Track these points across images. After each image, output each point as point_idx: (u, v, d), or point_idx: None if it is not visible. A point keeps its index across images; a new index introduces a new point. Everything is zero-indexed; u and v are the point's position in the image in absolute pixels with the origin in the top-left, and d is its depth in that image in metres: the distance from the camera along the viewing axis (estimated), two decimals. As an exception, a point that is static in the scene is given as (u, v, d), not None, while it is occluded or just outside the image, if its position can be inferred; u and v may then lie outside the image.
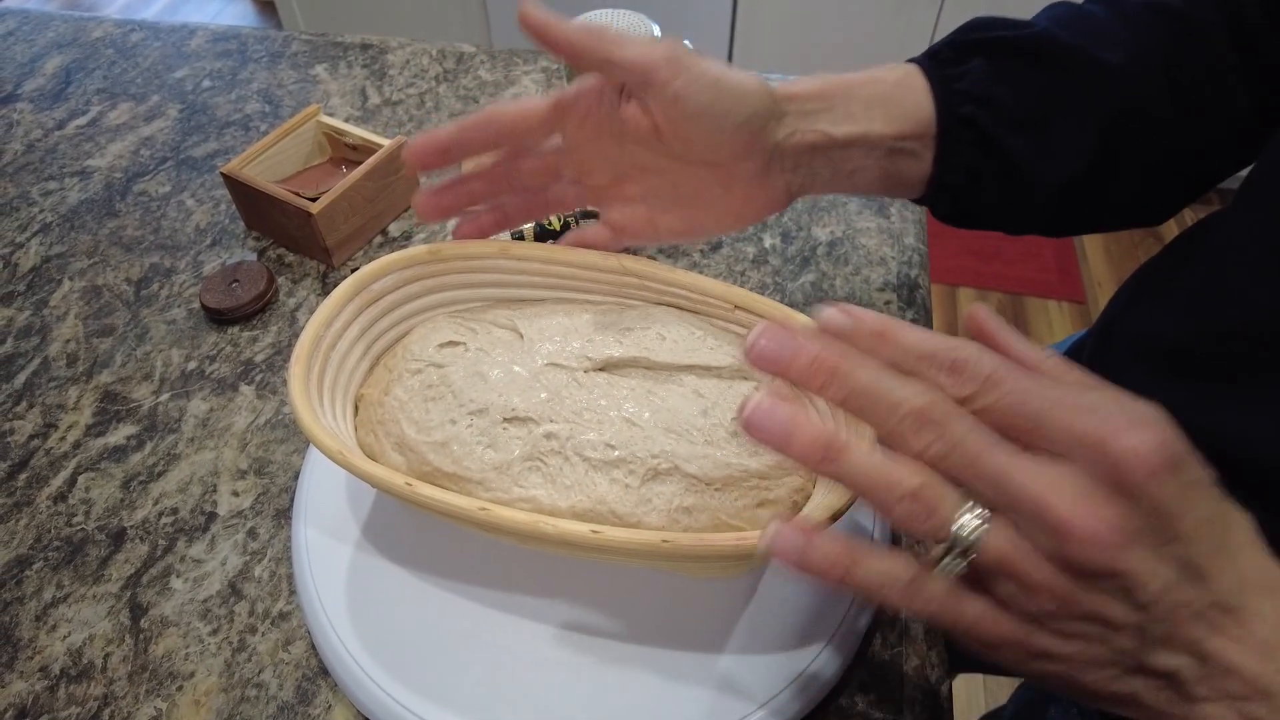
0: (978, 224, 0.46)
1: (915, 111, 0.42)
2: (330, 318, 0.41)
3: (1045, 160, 0.42)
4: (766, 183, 0.42)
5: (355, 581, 0.42)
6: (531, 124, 0.41)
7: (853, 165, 0.43)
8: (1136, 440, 0.24)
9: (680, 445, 0.37)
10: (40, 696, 0.42)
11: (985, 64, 0.42)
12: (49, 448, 0.52)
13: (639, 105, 0.40)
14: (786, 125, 0.41)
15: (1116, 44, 0.42)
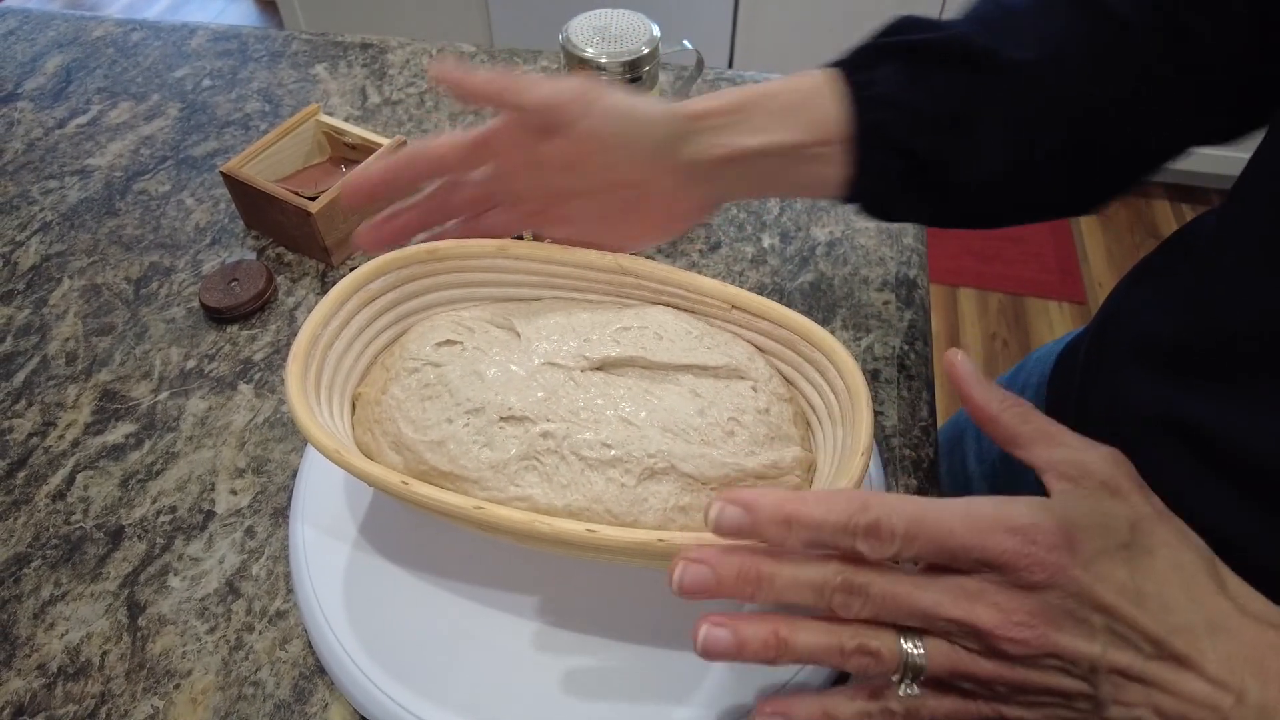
0: (902, 219, 0.49)
1: (826, 119, 0.43)
2: (328, 317, 0.41)
3: (960, 163, 0.43)
4: (687, 196, 0.44)
5: (352, 580, 0.42)
6: (454, 161, 0.43)
7: (767, 173, 0.44)
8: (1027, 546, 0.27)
9: (676, 445, 0.37)
10: (38, 694, 0.42)
11: (898, 69, 0.43)
12: (48, 446, 0.52)
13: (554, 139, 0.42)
14: (697, 142, 0.43)
15: (1033, 40, 0.42)
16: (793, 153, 0.43)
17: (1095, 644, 0.27)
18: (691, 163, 0.43)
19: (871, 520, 0.28)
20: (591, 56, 0.61)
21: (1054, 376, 0.58)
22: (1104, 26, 0.42)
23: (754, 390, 0.40)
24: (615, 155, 0.42)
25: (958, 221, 0.48)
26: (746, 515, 0.29)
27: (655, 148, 0.42)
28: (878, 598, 0.28)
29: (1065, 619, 0.27)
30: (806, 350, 0.41)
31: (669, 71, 0.79)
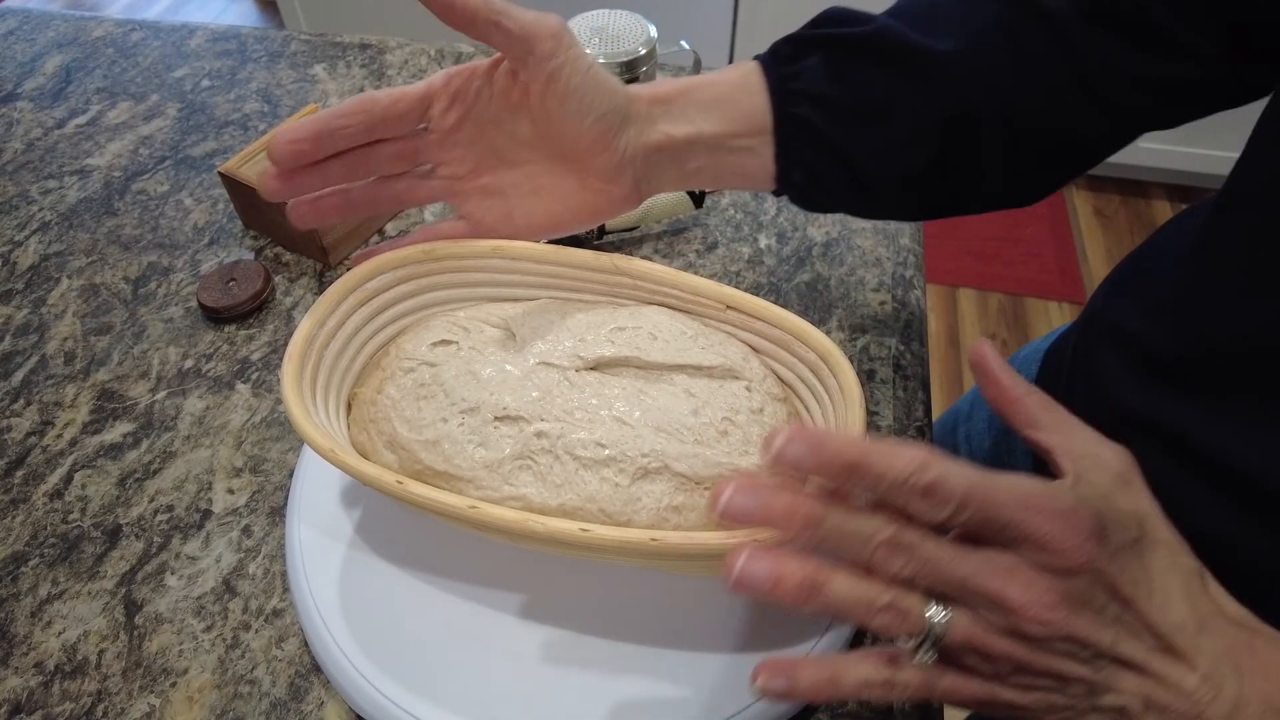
0: (833, 210, 0.48)
1: (750, 111, 0.44)
2: (323, 317, 0.41)
3: (882, 155, 0.43)
4: (618, 180, 0.44)
5: (348, 579, 0.43)
6: (404, 109, 0.42)
7: (695, 164, 0.45)
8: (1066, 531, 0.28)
9: (670, 444, 0.37)
10: (35, 692, 0.42)
11: (821, 62, 0.43)
12: (46, 445, 0.52)
13: (511, 76, 0.41)
14: (635, 126, 0.43)
15: (958, 32, 0.42)
16: (720, 144, 0.44)
17: (1108, 632, 0.28)
18: (628, 146, 0.43)
19: (931, 480, 0.28)
20: (589, 56, 0.61)
21: (1042, 374, 0.58)
22: (1030, 18, 0.42)
23: (748, 390, 0.40)
24: (567, 107, 0.41)
25: (889, 213, 0.49)
26: (812, 451, 0.28)
27: (603, 115, 0.41)
28: (920, 559, 0.28)
29: (1086, 606, 0.28)
30: (800, 350, 0.42)
31: (667, 72, 0.79)
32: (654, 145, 0.43)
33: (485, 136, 0.43)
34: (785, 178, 0.45)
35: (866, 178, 0.44)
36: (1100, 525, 0.28)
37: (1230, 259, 0.38)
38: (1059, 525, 0.28)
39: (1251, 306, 0.37)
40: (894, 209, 0.48)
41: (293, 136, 0.40)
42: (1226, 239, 0.39)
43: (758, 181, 0.46)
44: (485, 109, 0.43)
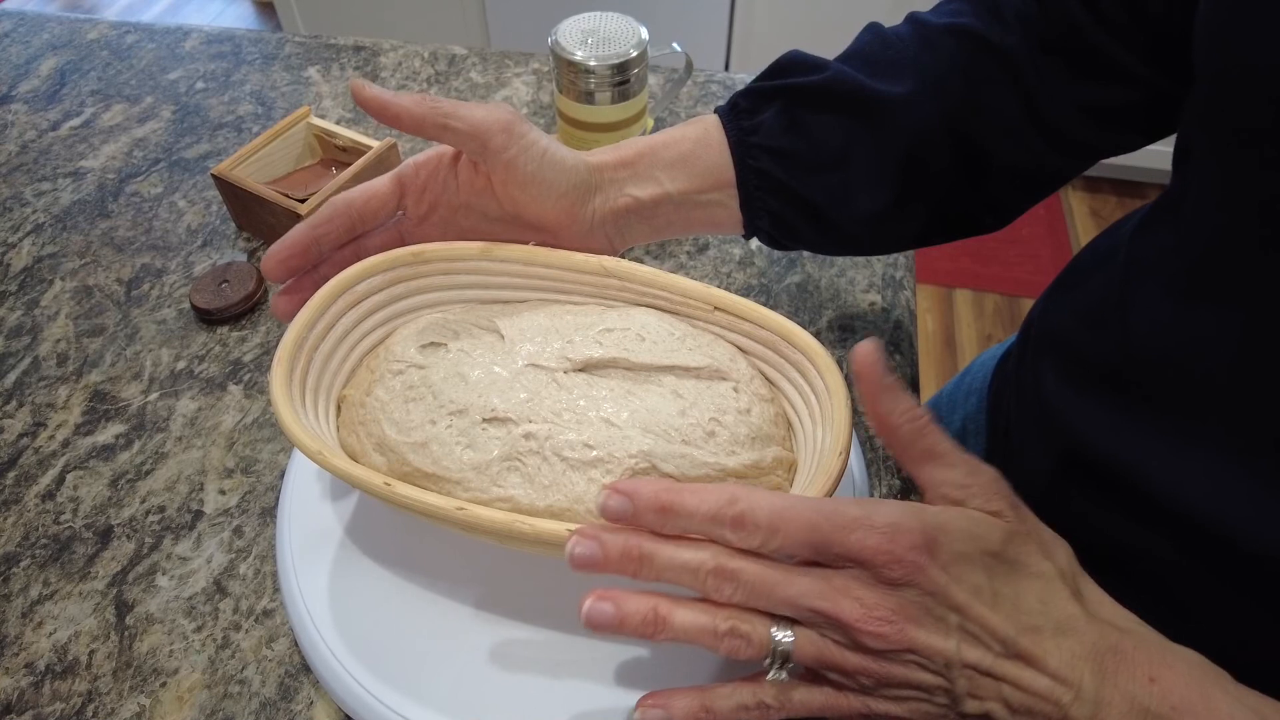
0: (805, 249, 0.50)
1: (713, 167, 0.45)
2: (313, 319, 0.41)
3: (843, 198, 0.45)
4: (591, 241, 0.45)
5: (338, 580, 0.43)
6: (379, 204, 0.44)
7: (664, 220, 0.46)
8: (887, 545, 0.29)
9: (658, 445, 0.37)
10: (25, 692, 0.42)
11: (778, 113, 0.45)
12: (38, 446, 0.53)
13: (473, 167, 0.43)
14: (602, 194, 0.44)
15: (912, 73, 0.44)
16: (686, 199, 0.45)
17: (950, 640, 0.29)
18: (596, 212, 0.44)
19: (738, 512, 0.30)
20: (580, 59, 0.61)
21: (993, 381, 0.58)
22: (981, 54, 0.43)
23: (735, 391, 0.40)
24: (529, 193, 0.43)
25: (858, 250, 0.51)
26: (629, 502, 0.31)
27: (565, 192, 0.43)
28: (747, 584, 0.30)
29: (924, 616, 0.29)
30: (788, 351, 0.42)
31: (659, 74, 0.79)
32: (621, 208, 0.45)
33: (457, 218, 0.45)
34: (752, 225, 0.47)
35: (829, 220, 0.45)
36: (929, 538, 0.29)
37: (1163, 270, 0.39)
38: (878, 540, 0.29)
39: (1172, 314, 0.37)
40: (861, 246, 0.49)
41: (282, 255, 0.42)
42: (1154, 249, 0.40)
43: (726, 228, 0.48)
44: (454, 196, 0.44)
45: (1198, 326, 0.36)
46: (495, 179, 0.43)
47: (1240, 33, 0.32)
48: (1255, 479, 0.34)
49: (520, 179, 0.42)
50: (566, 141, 0.68)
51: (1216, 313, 0.35)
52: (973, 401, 0.61)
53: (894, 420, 0.32)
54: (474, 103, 0.42)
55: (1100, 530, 0.42)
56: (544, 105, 0.76)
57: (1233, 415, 0.35)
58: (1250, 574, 0.35)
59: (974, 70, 0.43)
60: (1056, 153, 0.45)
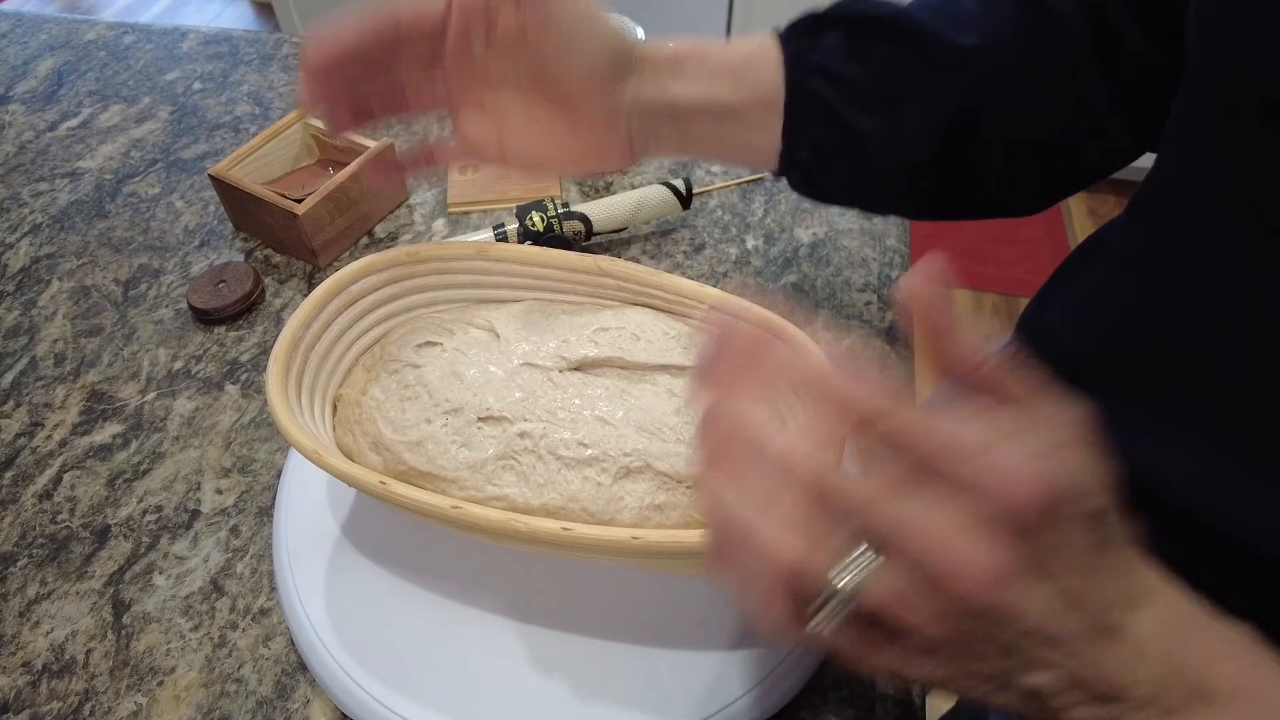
0: (832, 200, 0.47)
1: (764, 82, 0.43)
2: (309, 319, 0.42)
3: (891, 139, 0.43)
4: (611, 133, 0.42)
5: (334, 579, 0.43)
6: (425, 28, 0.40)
7: (698, 131, 0.44)
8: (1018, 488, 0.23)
9: (652, 443, 0.38)
10: (22, 691, 0.42)
11: (840, 39, 0.43)
12: (35, 446, 0.53)
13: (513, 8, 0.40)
14: (636, 81, 0.42)
15: (974, 28, 0.42)
16: (726, 113, 0.43)
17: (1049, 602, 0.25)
18: (626, 100, 0.42)
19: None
20: (576, 60, 0.61)
21: None
22: (1045, 26, 0.42)
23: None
24: (560, 49, 0.40)
25: (886, 204, 0.48)
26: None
27: (599, 64, 0.40)
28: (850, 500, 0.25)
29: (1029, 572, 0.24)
30: (782, 351, 0.42)
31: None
32: (658, 104, 0.42)
33: (492, 58, 0.41)
34: (789, 155, 0.44)
35: (870, 160, 0.44)
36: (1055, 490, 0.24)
37: (1141, 262, 0.39)
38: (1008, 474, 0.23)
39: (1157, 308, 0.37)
40: (891, 200, 0.47)
41: (329, 54, 0.39)
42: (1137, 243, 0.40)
43: (760, 157, 0.45)
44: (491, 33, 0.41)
45: (1177, 319, 0.36)
46: (532, 26, 0.39)
47: (1230, 30, 0.32)
48: (1235, 465, 0.34)
49: (556, 32, 0.39)
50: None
51: (1195, 306, 0.35)
52: None
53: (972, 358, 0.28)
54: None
55: None
56: (541, 105, 0.76)
57: (1213, 407, 0.35)
58: (1241, 563, 0.35)
59: (1031, 34, 0.42)
60: (1097, 140, 0.43)
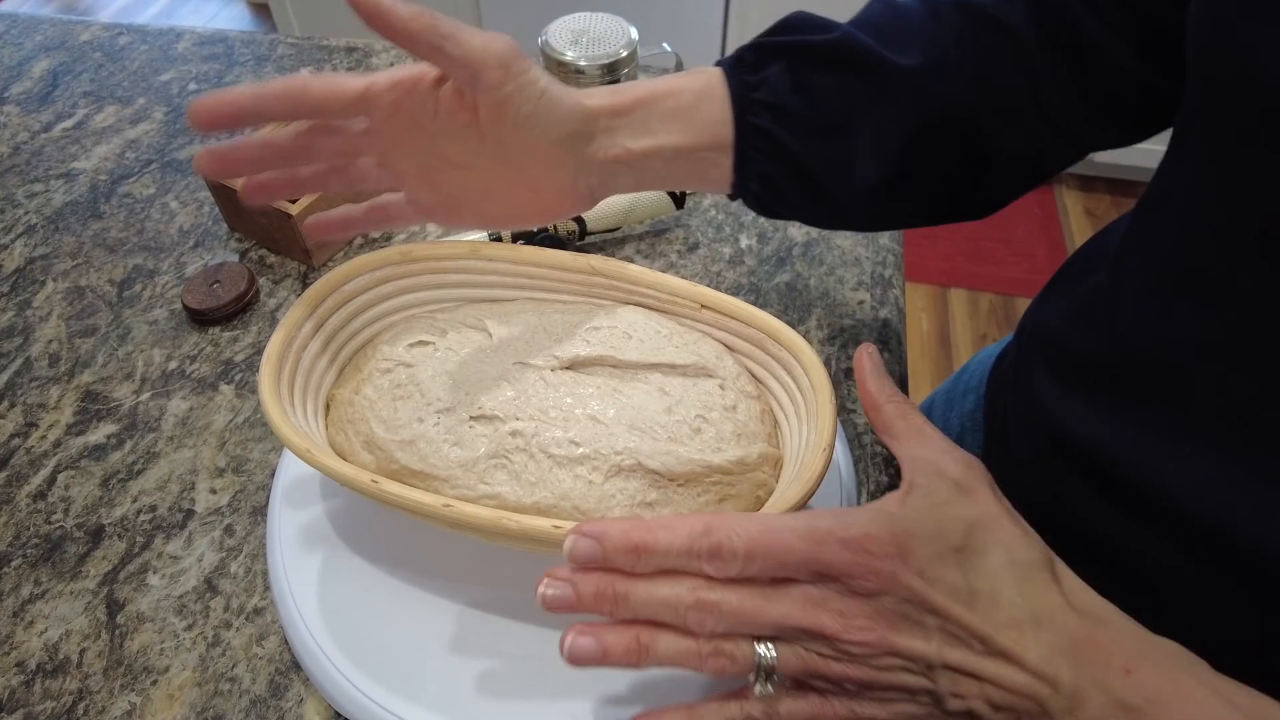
0: (790, 218, 0.48)
1: (713, 121, 0.43)
2: (302, 319, 0.42)
3: (840, 165, 0.44)
4: (572, 188, 0.43)
5: (328, 578, 0.43)
6: (339, 105, 0.38)
7: (652, 173, 0.44)
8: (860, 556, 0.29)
9: (644, 442, 0.38)
10: (16, 691, 0.43)
11: (784, 70, 0.43)
12: (29, 446, 0.53)
13: (458, 95, 0.39)
14: (595, 142, 0.42)
15: (919, 46, 0.43)
16: (681, 155, 0.43)
17: (930, 643, 0.30)
18: (585, 159, 0.42)
19: (714, 543, 0.30)
20: (570, 59, 0.62)
21: (990, 379, 0.59)
22: (992, 34, 0.42)
23: (721, 388, 0.41)
24: (519, 136, 0.39)
25: (846, 224, 0.49)
26: (598, 546, 0.30)
27: (559, 140, 0.40)
28: (730, 615, 0.30)
29: (902, 621, 0.30)
30: (774, 349, 0.42)
31: (650, 74, 0.79)
32: (611, 159, 0.43)
33: (431, 145, 0.41)
34: (741, 185, 0.45)
35: (823, 189, 0.44)
36: (900, 544, 0.30)
37: (1145, 267, 0.39)
38: (850, 553, 0.29)
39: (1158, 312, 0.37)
40: (851, 220, 0.48)
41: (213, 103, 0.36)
42: (1141, 247, 0.40)
43: (715, 186, 0.46)
44: (430, 123, 0.40)
45: (1184, 324, 0.36)
46: (483, 115, 0.38)
47: (1229, 36, 0.32)
48: (1243, 474, 0.35)
49: (511, 120, 0.38)
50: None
51: (1202, 310, 0.35)
52: (969, 400, 0.62)
53: (880, 399, 0.35)
54: (474, 29, 0.37)
55: (1094, 528, 0.42)
56: (535, 105, 0.76)
57: (1219, 412, 0.35)
58: (1241, 569, 0.36)
59: (981, 46, 0.42)
60: (1055, 139, 0.44)
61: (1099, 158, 1.89)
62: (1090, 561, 0.37)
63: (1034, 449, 0.46)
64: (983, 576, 0.31)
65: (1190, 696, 0.29)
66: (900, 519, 0.31)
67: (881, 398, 0.36)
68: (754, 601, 0.30)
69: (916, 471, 0.33)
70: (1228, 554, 0.36)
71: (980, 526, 0.32)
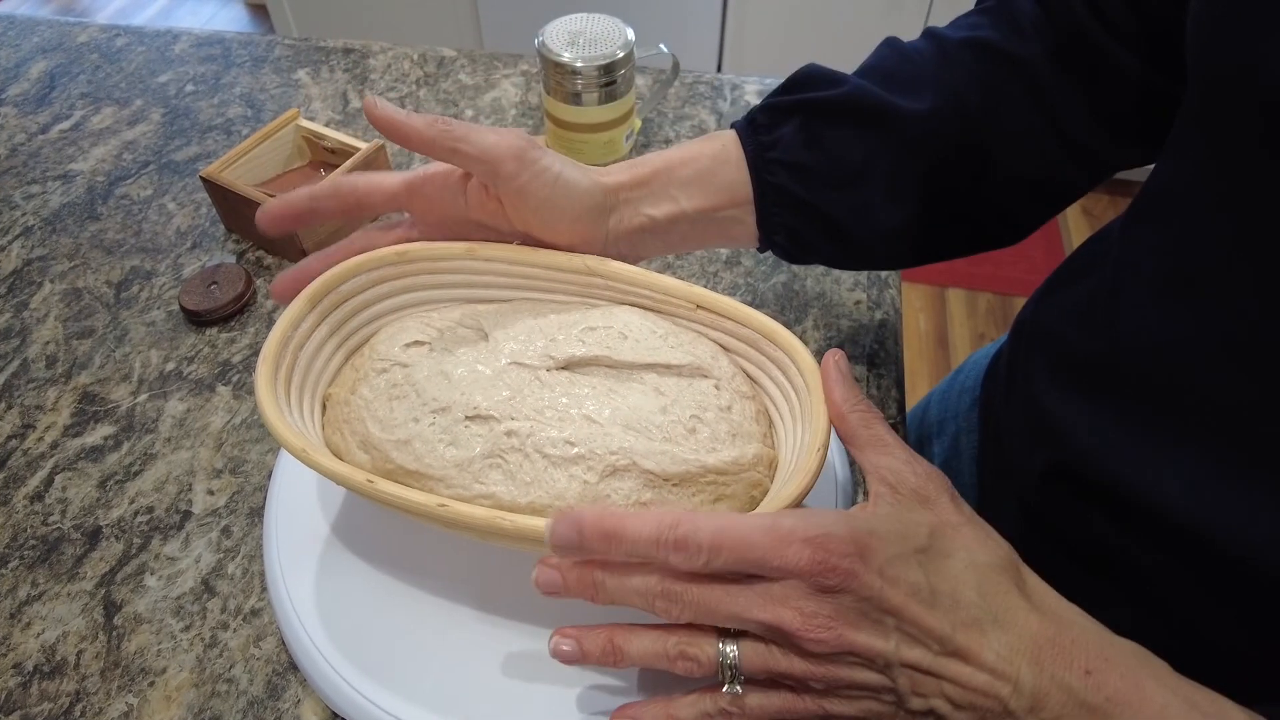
0: (820, 264, 0.49)
1: (731, 184, 0.45)
2: (298, 318, 0.42)
3: (864, 214, 0.45)
4: (604, 254, 0.45)
5: (325, 579, 0.43)
6: (381, 199, 0.44)
7: (679, 236, 0.46)
8: (820, 555, 0.30)
9: (639, 442, 0.38)
10: (13, 693, 0.43)
11: (797, 129, 0.44)
12: (26, 448, 0.53)
13: (483, 188, 0.43)
14: (617, 214, 0.45)
15: (929, 88, 0.44)
16: (704, 217, 0.45)
17: (889, 641, 0.30)
18: (610, 232, 0.44)
19: (679, 535, 0.31)
20: (567, 60, 0.62)
21: (985, 379, 0.59)
22: (1002, 69, 0.43)
23: (716, 388, 0.41)
24: (541, 217, 0.42)
25: (877, 264, 0.50)
26: (573, 530, 0.32)
27: (579, 217, 0.43)
28: (692, 604, 0.31)
29: (861, 620, 0.30)
30: (769, 349, 0.42)
31: (646, 75, 0.80)
32: (636, 228, 0.45)
33: (468, 232, 0.45)
34: (769, 240, 0.46)
35: (848, 236, 0.45)
36: (861, 544, 0.30)
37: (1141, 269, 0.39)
38: (810, 551, 0.30)
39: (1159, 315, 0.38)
40: (878, 261, 0.49)
41: (278, 212, 0.43)
42: (1138, 249, 0.40)
43: (743, 242, 0.47)
44: (464, 213, 0.44)
45: (1183, 328, 0.36)
46: (507, 204, 0.42)
47: (1229, 36, 0.32)
48: (1238, 482, 0.35)
49: (532, 205, 0.42)
50: (553, 143, 0.69)
51: (1202, 314, 0.35)
52: (965, 401, 0.62)
53: (844, 409, 0.36)
54: (487, 127, 0.41)
55: (1084, 529, 0.42)
56: (532, 107, 0.77)
57: (1217, 418, 0.35)
58: (1232, 577, 0.36)
59: (992, 83, 0.43)
60: (1077, 163, 0.44)
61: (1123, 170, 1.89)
62: (1080, 562, 0.38)
63: (1029, 449, 0.46)
64: (944, 578, 0.31)
65: (1150, 697, 0.30)
66: (863, 520, 0.32)
67: (846, 406, 0.36)
68: (715, 593, 0.31)
69: (879, 480, 0.34)
70: (1215, 558, 0.36)
71: (941, 533, 0.32)
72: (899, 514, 0.33)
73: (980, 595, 0.31)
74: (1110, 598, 0.34)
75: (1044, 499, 0.45)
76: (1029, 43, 0.43)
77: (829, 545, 0.30)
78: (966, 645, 0.30)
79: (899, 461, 0.34)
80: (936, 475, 0.35)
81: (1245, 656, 0.37)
